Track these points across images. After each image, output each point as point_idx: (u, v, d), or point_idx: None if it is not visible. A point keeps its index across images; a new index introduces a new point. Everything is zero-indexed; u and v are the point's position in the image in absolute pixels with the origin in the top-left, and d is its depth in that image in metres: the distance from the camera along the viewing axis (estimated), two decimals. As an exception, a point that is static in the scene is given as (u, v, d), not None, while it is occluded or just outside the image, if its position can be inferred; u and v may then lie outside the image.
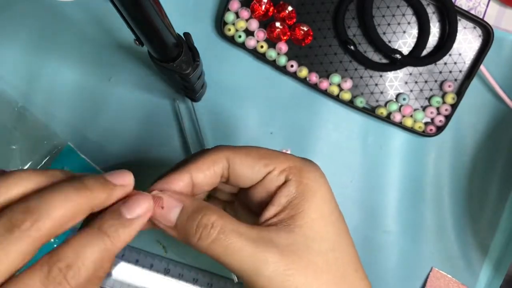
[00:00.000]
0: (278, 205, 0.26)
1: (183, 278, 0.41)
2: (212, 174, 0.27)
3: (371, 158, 0.43)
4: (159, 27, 0.26)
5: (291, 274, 0.24)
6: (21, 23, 0.41)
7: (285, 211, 0.26)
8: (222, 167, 0.27)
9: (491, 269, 0.43)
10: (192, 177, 0.27)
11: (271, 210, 0.26)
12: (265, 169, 0.27)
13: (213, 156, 0.27)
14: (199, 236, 0.24)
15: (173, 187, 0.26)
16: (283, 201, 0.26)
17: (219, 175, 0.27)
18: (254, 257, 0.24)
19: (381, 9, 0.41)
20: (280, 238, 0.25)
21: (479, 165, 0.43)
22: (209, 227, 0.24)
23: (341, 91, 0.41)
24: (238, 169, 0.27)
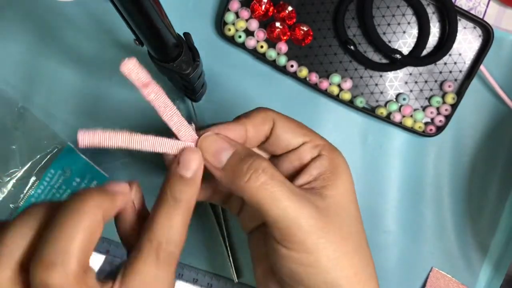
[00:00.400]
0: (311, 174, 0.28)
1: (182, 278, 0.41)
2: (264, 130, 0.29)
3: (371, 158, 0.43)
4: (159, 27, 0.26)
5: (326, 232, 0.26)
6: (21, 23, 0.41)
7: (316, 181, 0.28)
8: (269, 126, 0.29)
9: (491, 269, 0.43)
10: (246, 130, 0.28)
11: (304, 178, 0.28)
12: (303, 138, 0.29)
13: (262, 114, 0.29)
14: (249, 178, 0.25)
15: (229, 135, 0.27)
16: (315, 172, 0.28)
17: (267, 132, 0.29)
18: (298, 208, 0.25)
19: (381, 9, 0.41)
20: (316, 200, 0.26)
21: (479, 165, 0.43)
22: (259, 171, 0.25)
23: (341, 91, 0.41)
24: (280, 132, 0.29)
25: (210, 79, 0.41)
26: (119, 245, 0.41)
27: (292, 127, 0.29)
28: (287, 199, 0.25)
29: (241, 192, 0.25)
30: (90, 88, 0.41)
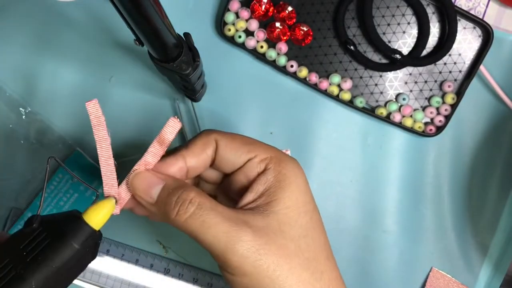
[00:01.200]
0: (256, 192, 0.28)
1: (183, 278, 0.41)
2: (205, 156, 0.29)
3: (371, 158, 0.43)
4: (159, 27, 0.26)
5: (263, 253, 0.25)
6: (21, 23, 0.41)
7: (262, 198, 0.28)
8: (212, 149, 0.29)
9: (491, 269, 0.43)
10: (186, 161, 0.29)
11: (249, 196, 0.28)
12: (247, 155, 0.29)
13: (204, 139, 0.29)
14: (177, 211, 0.26)
15: (168, 170, 0.28)
16: (261, 188, 0.28)
17: (210, 157, 0.29)
18: (229, 234, 0.25)
19: (381, 9, 0.41)
20: (255, 220, 0.26)
21: (479, 165, 0.43)
22: (187, 202, 0.26)
23: (341, 91, 0.41)
24: (223, 153, 0.29)
25: (210, 79, 0.41)
26: (119, 245, 0.41)
27: (234, 146, 0.29)
28: (217, 226, 0.25)
29: (174, 224, 0.26)
30: (90, 88, 0.41)
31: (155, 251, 0.41)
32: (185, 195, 0.26)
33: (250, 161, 0.29)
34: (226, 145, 0.29)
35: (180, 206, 0.26)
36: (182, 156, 0.29)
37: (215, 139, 0.29)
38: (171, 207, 0.26)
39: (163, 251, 0.42)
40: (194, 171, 0.29)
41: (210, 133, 0.29)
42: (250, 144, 0.29)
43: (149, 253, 0.41)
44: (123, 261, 0.41)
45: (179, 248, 0.42)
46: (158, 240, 0.42)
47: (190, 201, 0.26)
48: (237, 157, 0.29)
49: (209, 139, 0.29)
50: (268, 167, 0.28)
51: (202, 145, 0.29)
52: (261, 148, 0.29)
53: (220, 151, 0.29)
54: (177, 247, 0.42)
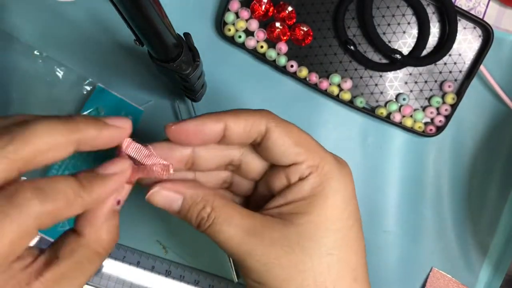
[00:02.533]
0: (285, 198, 0.27)
1: (184, 279, 0.41)
2: (245, 136, 0.27)
3: (371, 158, 0.43)
4: (159, 27, 0.26)
5: (271, 267, 0.25)
6: (21, 23, 0.41)
7: (289, 206, 0.26)
8: (258, 133, 0.27)
9: (491, 269, 0.43)
10: (226, 126, 0.26)
11: (277, 201, 0.27)
12: (295, 158, 0.26)
13: (254, 118, 0.27)
14: (198, 225, 0.26)
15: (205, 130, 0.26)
16: (292, 196, 0.26)
17: (251, 139, 0.27)
18: (241, 247, 0.25)
19: (381, 9, 0.41)
20: (272, 230, 0.25)
21: (479, 165, 0.43)
22: (204, 219, 0.26)
23: (341, 91, 0.41)
24: (271, 146, 0.26)
25: (210, 79, 0.41)
26: (120, 247, 0.41)
27: (284, 143, 0.26)
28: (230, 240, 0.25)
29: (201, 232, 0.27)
30: (90, 88, 0.41)
31: (155, 252, 0.41)
32: (203, 213, 0.26)
33: (295, 165, 0.26)
34: (276, 139, 0.26)
35: (201, 223, 0.26)
36: (223, 120, 0.26)
37: (266, 126, 0.26)
38: (193, 222, 0.26)
39: (163, 252, 0.41)
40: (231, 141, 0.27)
41: (265, 116, 0.27)
42: (301, 146, 0.26)
43: (150, 255, 0.41)
44: (124, 263, 0.41)
45: (179, 249, 0.42)
46: (158, 241, 0.42)
47: (207, 218, 0.26)
48: (283, 157, 0.27)
49: (259, 122, 0.26)
50: (310, 177, 0.26)
51: (249, 123, 0.26)
52: (312, 152, 0.27)
53: (268, 142, 0.26)
54: (177, 248, 0.42)
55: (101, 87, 0.41)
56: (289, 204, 0.26)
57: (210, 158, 0.28)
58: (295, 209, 0.26)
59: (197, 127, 0.26)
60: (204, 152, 0.28)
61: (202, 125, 0.26)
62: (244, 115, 0.27)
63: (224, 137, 0.27)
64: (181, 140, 0.26)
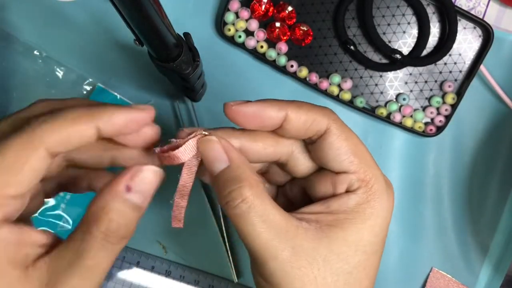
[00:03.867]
0: (328, 207, 0.25)
1: (184, 279, 0.41)
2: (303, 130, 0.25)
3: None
4: (159, 27, 0.26)
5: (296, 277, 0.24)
6: (21, 23, 0.41)
7: (328, 216, 0.25)
8: (317, 131, 0.25)
9: (491, 269, 0.43)
10: (286, 117, 0.25)
11: (317, 207, 0.25)
12: (347, 167, 0.25)
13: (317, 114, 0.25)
14: (227, 202, 0.24)
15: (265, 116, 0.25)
16: (334, 207, 0.25)
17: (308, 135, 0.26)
18: (268, 248, 0.24)
19: (381, 9, 0.41)
20: (305, 238, 0.24)
21: (479, 165, 0.43)
22: (238, 200, 0.23)
23: (341, 91, 0.41)
24: (326, 147, 0.25)
25: (210, 79, 0.41)
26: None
27: (342, 149, 0.25)
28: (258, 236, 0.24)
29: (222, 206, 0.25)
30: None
31: (155, 251, 0.41)
32: (238, 193, 0.24)
33: (346, 174, 0.25)
34: (334, 141, 0.25)
35: (230, 201, 0.24)
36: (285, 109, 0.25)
37: (327, 125, 0.25)
38: (223, 195, 0.24)
39: (163, 251, 0.41)
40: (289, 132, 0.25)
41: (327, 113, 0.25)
42: (357, 156, 0.25)
43: (150, 255, 0.41)
44: (124, 263, 0.41)
45: (179, 249, 0.42)
46: (158, 240, 0.42)
47: (242, 200, 0.23)
48: (336, 162, 0.25)
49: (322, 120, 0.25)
50: (358, 191, 0.25)
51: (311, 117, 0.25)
52: (366, 166, 0.25)
53: (324, 143, 0.25)
54: (177, 248, 0.42)
55: (101, 87, 0.41)
56: (329, 214, 0.25)
57: (259, 153, 0.27)
58: (333, 221, 0.25)
59: (257, 112, 0.25)
60: (254, 146, 0.26)
61: (263, 111, 0.25)
62: (306, 109, 0.25)
63: (281, 128, 0.25)
64: (238, 121, 0.25)
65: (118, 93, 0.41)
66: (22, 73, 0.40)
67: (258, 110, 0.25)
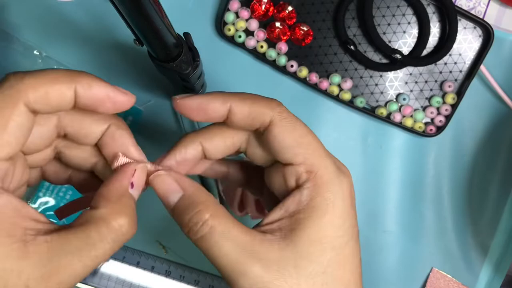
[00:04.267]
0: (286, 210, 0.25)
1: (184, 280, 0.41)
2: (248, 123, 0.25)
3: (371, 158, 0.43)
4: (159, 27, 0.26)
5: None
6: (21, 23, 0.41)
7: (288, 219, 0.25)
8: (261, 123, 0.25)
9: (491, 269, 0.43)
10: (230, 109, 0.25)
11: (277, 213, 0.25)
12: (293, 158, 0.25)
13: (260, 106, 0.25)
14: (189, 230, 0.24)
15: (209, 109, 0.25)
16: (291, 207, 0.25)
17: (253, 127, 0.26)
18: (236, 265, 0.23)
19: (381, 9, 0.41)
20: (270, 251, 0.24)
21: (479, 165, 0.43)
22: (199, 224, 0.24)
23: (341, 91, 0.41)
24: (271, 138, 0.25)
25: (210, 79, 0.41)
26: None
27: (286, 141, 0.25)
28: (226, 256, 0.23)
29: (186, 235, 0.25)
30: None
31: (155, 252, 0.41)
32: (199, 217, 0.24)
33: (292, 165, 0.25)
34: (278, 133, 0.25)
35: (192, 226, 0.24)
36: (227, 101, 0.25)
37: (270, 118, 0.25)
38: (185, 223, 0.24)
39: (163, 251, 0.41)
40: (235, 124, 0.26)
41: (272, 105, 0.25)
42: (302, 146, 0.25)
43: (150, 255, 0.41)
44: (124, 263, 0.41)
45: (179, 249, 0.42)
46: (158, 241, 0.41)
47: (203, 224, 0.24)
48: (281, 154, 0.25)
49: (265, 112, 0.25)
50: (307, 184, 0.25)
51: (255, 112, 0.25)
52: (312, 156, 0.25)
53: (269, 136, 0.25)
54: (177, 248, 0.42)
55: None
56: (288, 217, 0.25)
57: (220, 147, 0.27)
58: (294, 224, 0.25)
59: (201, 105, 0.25)
60: (214, 142, 0.27)
61: (207, 104, 0.25)
62: (250, 101, 0.25)
63: (228, 119, 0.26)
64: (184, 114, 0.26)
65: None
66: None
67: (202, 103, 0.25)
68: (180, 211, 0.25)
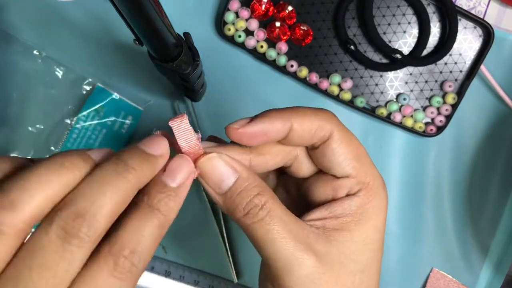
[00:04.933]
0: (331, 212, 0.25)
1: (184, 280, 0.41)
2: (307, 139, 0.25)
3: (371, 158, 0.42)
4: (159, 27, 0.26)
5: (321, 284, 0.23)
6: (21, 23, 0.41)
7: (333, 220, 0.25)
8: (321, 137, 0.25)
9: (492, 269, 0.43)
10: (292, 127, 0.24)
11: (321, 212, 0.25)
12: (350, 171, 0.25)
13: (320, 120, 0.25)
14: (246, 213, 0.23)
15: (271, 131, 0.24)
16: (338, 211, 0.25)
17: (312, 142, 0.25)
18: (293, 253, 0.23)
19: (381, 9, 0.41)
20: (318, 244, 0.24)
21: (479, 165, 0.43)
22: (258, 208, 0.23)
23: (341, 91, 0.41)
24: (329, 153, 0.25)
25: (210, 79, 0.41)
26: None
27: (345, 154, 0.25)
28: (283, 242, 0.23)
29: (237, 221, 0.24)
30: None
31: (155, 252, 0.41)
32: (258, 200, 0.23)
33: (347, 178, 0.25)
34: (337, 147, 0.25)
35: (251, 209, 0.23)
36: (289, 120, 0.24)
37: (330, 131, 0.25)
38: (241, 207, 0.23)
39: (163, 251, 0.41)
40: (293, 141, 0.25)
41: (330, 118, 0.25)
42: (358, 160, 0.25)
43: (149, 254, 0.41)
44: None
45: (179, 249, 0.42)
46: (158, 241, 0.41)
47: (261, 207, 0.23)
48: (339, 167, 0.25)
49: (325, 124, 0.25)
50: (359, 193, 0.25)
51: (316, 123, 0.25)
52: (366, 169, 0.26)
53: (327, 149, 0.25)
54: (177, 248, 0.42)
55: (100, 87, 0.41)
56: (334, 218, 0.25)
57: (268, 164, 0.26)
58: (339, 225, 0.25)
59: (264, 129, 0.24)
60: (263, 159, 0.26)
61: (269, 127, 0.24)
62: (310, 116, 0.25)
63: (286, 138, 0.25)
64: (243, 142, 0.25)
65: (118, 93, 0.41)
66: (22, 73, 0.40)
67: (265, 128, 0.24)
68: (234, 195, 0.24)
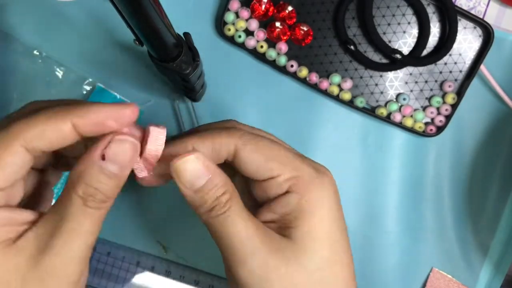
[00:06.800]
0: (275, 213, 0.27)
1: (184, 280, 0.41)
2: (215, 157, 0.27)
3: (371, 158, 0.43)
4: (159, 27, 0.26)
5: (271, 278, 0.25)
6: (21, 23, 0.41)
7: (281, 220, 0.26)
8: (228, 153, 0.27)
9: (492, 269, 0.43)
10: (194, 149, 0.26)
11: (268, 215, 0.27)
12: (269, 173, 0.26)
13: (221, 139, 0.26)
14: (213, 208, 0.25)
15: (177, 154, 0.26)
16: (280, 210, 0.26)
17: (222, 159, 0.27)
18: (247, 243, 0.25)
19: (381, 9, 0.41)
20: (274, 239, 0.25)
21: (479, 165, 0.43)
22: (221, 205, 0.25)
23: (341, 91, 0.41)
24: (243, 163, 0.26)
25: (210, 79, 0.41)
26: (120, 247, 0.41)
27: (255, 160, 0.26)
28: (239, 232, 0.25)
29: (199, 215, 0.26)
30: (89, 88, 0.41)
31: (155, 252, 0.41)
32: (224, 198, 0.25)
33: (272, 179, 0.26)
34: (246, 156, 0.26)
35: (215, 206, 0.25)
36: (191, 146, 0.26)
37: (235, 145, 0.26)
38: (207, 204, 0.25)
39: (163, 251, 0.41)
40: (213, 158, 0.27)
41: (232, 135, 0.26)
42: (274, 160, 0.26)
43: (150, 255, 0.41)
44: (124, 263, 0.41)
45: (179, 249, 0.42)
46: (158, 241, 0.41)
47: (225, 203, 0.25)
48: (257, 173, 0.26)
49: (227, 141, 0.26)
50: (291, 190, 0.26)
51: (218, 146, 0.26)
52: (288, 165, 0.26)
53: (240, 160, 0.26)
54: (177, 248, 0.42)
55: (100, 87, 0.41)
56: (282, 217, 0.26)
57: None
58: (288, 223, 0.26)
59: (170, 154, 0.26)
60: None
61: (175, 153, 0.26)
62: (210, 138, 0.26)
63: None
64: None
65: (118, 93, 0.41)
66: (22, 73, 0.40)
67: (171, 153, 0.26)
68: (204, 194, 0.25)
